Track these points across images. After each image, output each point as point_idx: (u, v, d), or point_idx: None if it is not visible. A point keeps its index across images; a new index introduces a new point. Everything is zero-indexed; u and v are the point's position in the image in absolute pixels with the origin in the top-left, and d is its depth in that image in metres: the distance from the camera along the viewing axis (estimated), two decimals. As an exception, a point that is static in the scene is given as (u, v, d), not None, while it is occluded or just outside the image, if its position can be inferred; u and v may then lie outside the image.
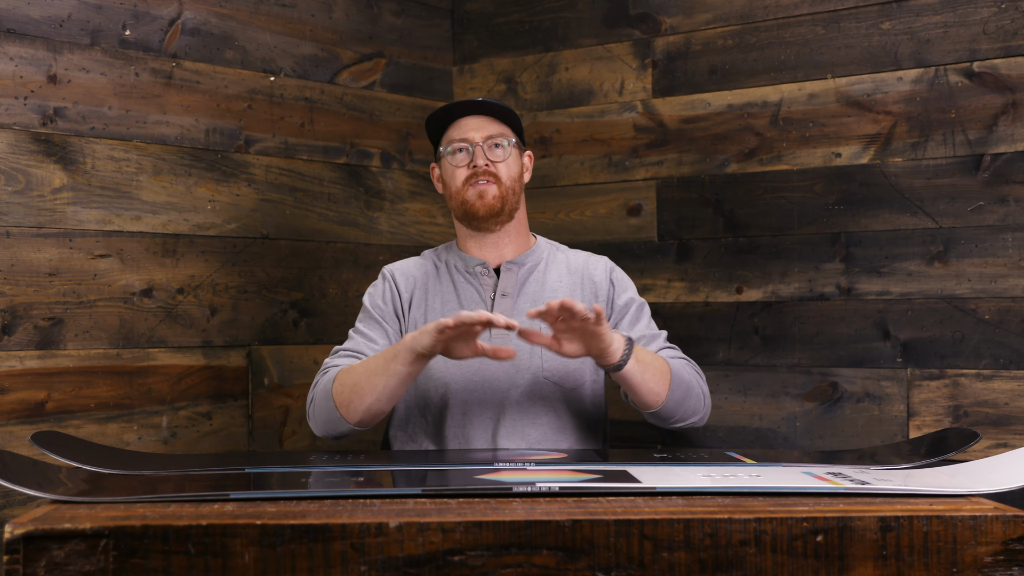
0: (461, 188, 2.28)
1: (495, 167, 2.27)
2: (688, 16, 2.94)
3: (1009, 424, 2.53)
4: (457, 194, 2.29)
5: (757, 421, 2.83)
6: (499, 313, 2.23)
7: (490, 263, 2.33)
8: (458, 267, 2.34)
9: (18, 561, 1.32)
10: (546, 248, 2.40)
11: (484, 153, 2.27)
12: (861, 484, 1.60)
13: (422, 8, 3.23)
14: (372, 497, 1.53)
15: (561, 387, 2.25)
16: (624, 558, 1.38)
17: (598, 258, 2.40)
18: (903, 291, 2.66)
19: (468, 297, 2.30)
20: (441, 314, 2.28)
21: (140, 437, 2.58)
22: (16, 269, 2.39)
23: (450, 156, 2.29)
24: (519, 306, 2.28)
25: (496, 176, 2.27)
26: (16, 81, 2.39)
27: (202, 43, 2.71)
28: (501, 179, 2.27)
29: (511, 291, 2.29)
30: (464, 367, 2.23)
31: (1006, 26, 2.54)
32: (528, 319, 2.15)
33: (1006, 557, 1.42)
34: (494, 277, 2.31)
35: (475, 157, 2.27)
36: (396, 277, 2.35)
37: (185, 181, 2.68)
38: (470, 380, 2.23)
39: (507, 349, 2.00)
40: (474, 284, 2.31)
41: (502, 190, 2.27)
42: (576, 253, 2.41)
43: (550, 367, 2.24)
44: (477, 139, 2.27)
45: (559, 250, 2.41)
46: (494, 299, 2.28)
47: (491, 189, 2.26)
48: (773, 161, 2.83)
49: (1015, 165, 2.54)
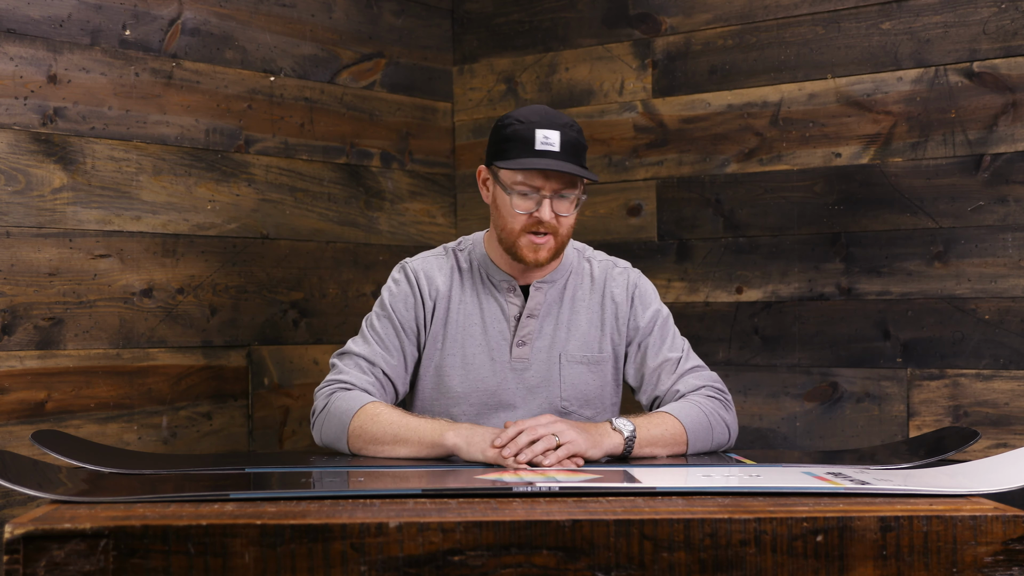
0: (517, 232, 2.09)
1: (559, 221, 2.07)
2: (688, 16, 2.94)
3: (1009, 424, 2.53)
4: (511, 235, 2.10)
5: (757, 421, 2.83)
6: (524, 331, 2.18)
7: (518, 280, 2.19)
8: (483, 275, 2.20)
9: (18, 561, 1.32)
10: (573, 258, 2.24)
11: (551, 207, 2.06)
12: (861, 484, 1.60)
13: (422, 8, 3.23)
14: (372, 497, 1.53)
15: (580, 415, 2.18)
16: (624, 558, 1.38)
17: (621, 269, 2.25)
18: (903, 291, 2.66)
19: (492, 316, 2.18)
20: (463, 332, 2.17)
21: (140, 437, 2.58)
22: (16, 269, 2.39)
23: (514, 196, 2.07)
24: (544, 330, 2.18)
25: (556, 230, 2.08)
26: (16, 81, 2.39)
27: (202, 43, 2.71)
28: (560, 232, 2.09)
29: (539, 312, 2.18)
30: (481, 389, 2.16)
31: (1006, 26, 2.54)
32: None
33: (1006, 557, 1.42)
34: (521, 297, 2.18)
35: (541, 210, 2.05)
36: (420, 282, 2.19)
37: (185, 181, 2.68)
38: (485, 404, 2.17)
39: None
40: (499, 300, 2.18)
41: (558, 241, 2.10)
42: (600, 261, 2.26)
43: (568, 395, 2.17)
44: (547, 189, 2.05)
45: (584, 258, 2.26)
46: (519, 319, 2.17)
47: (548, 243, 2.09)
48: (773, 161, 2.83)
49: (1015, 165, 2.54)
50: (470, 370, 2.16)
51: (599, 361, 2.19)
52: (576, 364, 2.17)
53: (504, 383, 2.15)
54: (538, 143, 2.04)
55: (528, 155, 2.05)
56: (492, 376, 2.16)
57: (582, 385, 2.17)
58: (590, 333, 2.19)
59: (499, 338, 2.17)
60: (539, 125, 2.06)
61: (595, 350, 2.19)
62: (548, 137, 2.05)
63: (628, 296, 2.22)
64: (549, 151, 2.04)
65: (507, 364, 2.16)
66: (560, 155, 2.04)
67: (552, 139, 2.04)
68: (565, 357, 2.17)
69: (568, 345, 2.18)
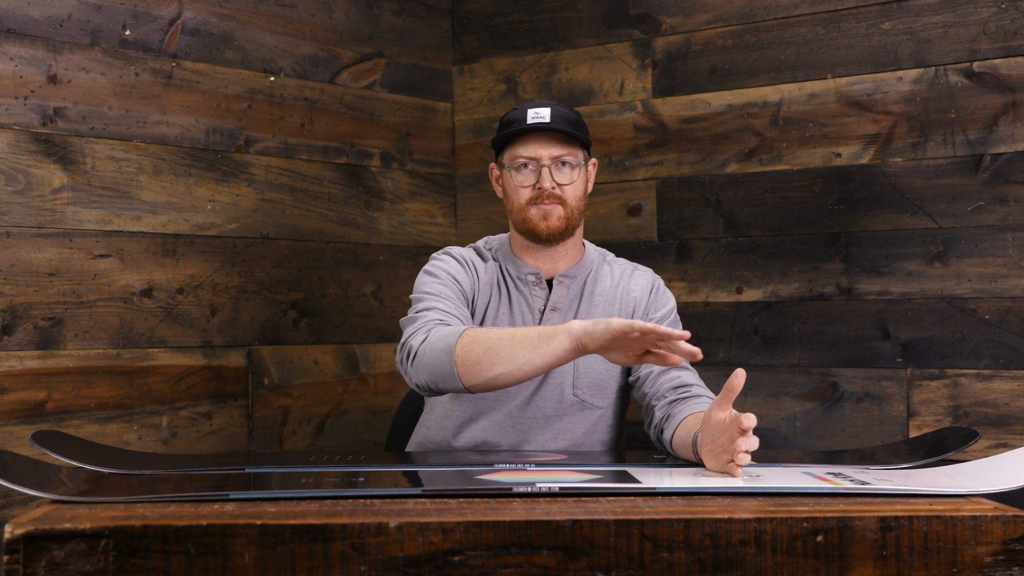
0: (524, 206, 2.18)
1: (561, 190, 2.16)
2: (688, 16, 2.94)
3: (1009, 424, 2.53)
4: (520, 211, 2.19)
5: (757, 421, 2.82)
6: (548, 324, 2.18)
7: (543, 273, 2.24)
8: (510, 272, 2.25)
9: (18, 561, 1.32)
10: (595, 258, 2.30)
11: (551, 175, 2.15)
12: (861, 484, 1.60)
13: (422, 8, 3.23)
14: (372, 497, 1.53)
15: (591, 404, 2.20)
16: (624, 558, 1.38)
17: (642, 272, 2.30)
18: (903, 291, 2.66)
19: (518, 308, 2.23)
20: (494, 322, 2.21)
21: (140, 437, 2.58)
22: (16, 269, 2.39)
23: (514, 172, 2.18)
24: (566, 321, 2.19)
25: (562, 199, 2.16)
26: (16, 81, 2.39)
27: (202, 43, 2.71)
28: (567, 201, 2.17)
29: (561, 306, 2.22)
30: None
31: (1006, 26, 2.54)
32: None
33: (1006, 557, 1.42)
34: (546, 290, 2.23)
35: (541, 179, 2.15)
36: (466, 261, 2.23)
37: (185, 181, 2.68)
38: (507, 390, 2.17)
39: (676, 358, 1.80)
40: (524, 294, 2.23)
41: (567, 211, 2.17)
42: (621, 265, 2.31)
43: (582, 383, 2.20)
44: (544, 158, 2.15)
45: (605, 261, 2.31)
46: (544, 312, 2.22)
47: (556, 211, 2.16)
48: (773, 161, 2.83)
49: (1015, 165, 2.54)
50: None
51: None
52: (591, 355, 2.18)
53: None
54: (529, 118, 2.16)
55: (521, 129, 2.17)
56: None
57: (595, 375, 2.20)
58: None
59: None
60: (532, 105, 2.19)
61: None
62: (539, 112, 2.17)
63: (647, 292, 2.26)
64: (540, 123, 2.15)
65: None
66: (551, 125, 2.14)
67: (543, 113, 2.16)
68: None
69: None
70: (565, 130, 2.14)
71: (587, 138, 2.21)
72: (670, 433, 2.00)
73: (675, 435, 1.98)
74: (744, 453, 1.69)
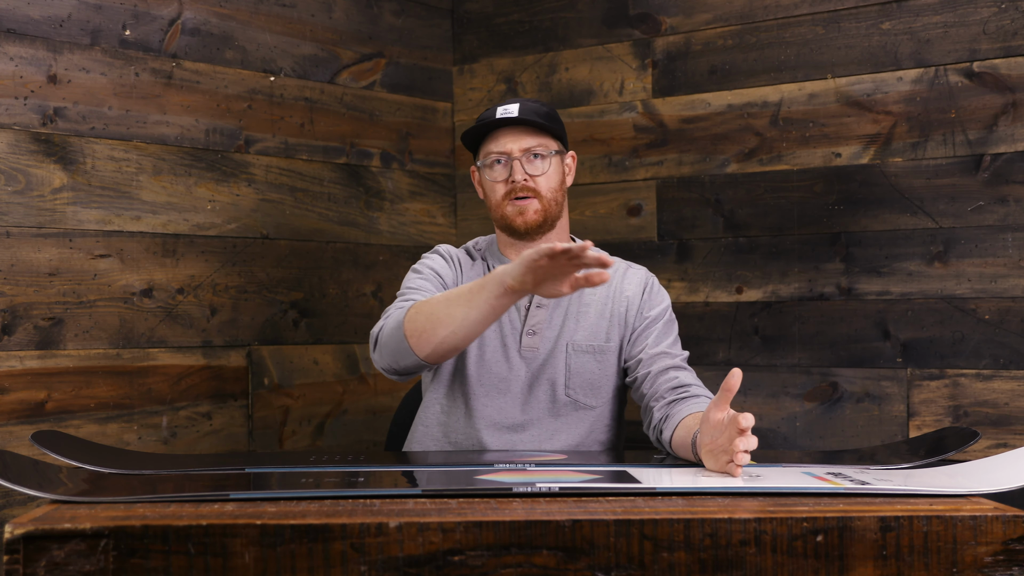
0: (500, 202, 2.19)
1: (534, 181, 2.17)
2: (688, 16, 2.94)
3: (1009, 424, 2.53)
4: (497, 208, 2.21)
5: (757, 421, 2.82)
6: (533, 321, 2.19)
7: None
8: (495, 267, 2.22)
9: (18, 561, 1.32)
10: None
11: (523, 167, 2.17)
12: (861, 484, 1.60)
13: (422, 8, 3.24)
14: (372, 497, 1.53)
15: (584, 403, 2.20)
16: (624, 558, 1.38)
17: (636, 271, 2.30)
18: (903, 291, 2.66)
19: None
20: None
21: (140, 437, 2.58)
22: (16, 269, 2.39)
23: (487, 169, 2.20)
24: (553, 320, 2.21)
25: (536, 191, 2.17)
26: (16, 81, 2.39)
27: (202, 43, 2.71)
28: (541, 193, 2.18)
29: (547, 303, 2.22)
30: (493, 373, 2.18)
31: (1006, 26, 2.54)
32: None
33: (1006, 557, 1.42)
34: None
35: (513, 172, 2.17)
36: (454, 259, 2.27)
37: (185, 181, 2.68)
38: (495, 388, 2.19)
39: (601, 273, 1.76)
40: None
41: (543, 203, 2.18)
42: (615, 263, 2.28)
43: (573, 383, 2.20)
44: (515, 151, 2.17)
45: None
46: (529, 308, 2.22)
47: (531, 204, 2.17)
48: (773, 161, 2.83)
49: (1015, 165, 2.54)
50: (485, 354, 2.20)
51: (605, 351, 2.21)
52: (582, 354, 2.20)
53: (514, 370, 2.19)
54: (498, 115, 2.19)
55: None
56: (504, 362, 2.20)
57: (587, 374, 2.20)
58: (598, 324, 2.22)
59: (510, 327, 2.21)
60: (502, 103, 2.22)
61: (602, 339, 2.21)
62: (508, 108, 2.20)
63: (641, 290, 2.26)
64: (508, 117, 2.17)
65: (517, 352, 2.20)
66: (519, 118, 2.17)
67: (511, 109, 2.19)
68: (572, 347, 2.20)
69: (576, 335, 2.21)
70: (534, 120, 2.16)
71: (560, 129, 2.23)
72: (669, 433, 2.00)
73: (674, 435, 1.98)
74: (743, 453, 1.69)
